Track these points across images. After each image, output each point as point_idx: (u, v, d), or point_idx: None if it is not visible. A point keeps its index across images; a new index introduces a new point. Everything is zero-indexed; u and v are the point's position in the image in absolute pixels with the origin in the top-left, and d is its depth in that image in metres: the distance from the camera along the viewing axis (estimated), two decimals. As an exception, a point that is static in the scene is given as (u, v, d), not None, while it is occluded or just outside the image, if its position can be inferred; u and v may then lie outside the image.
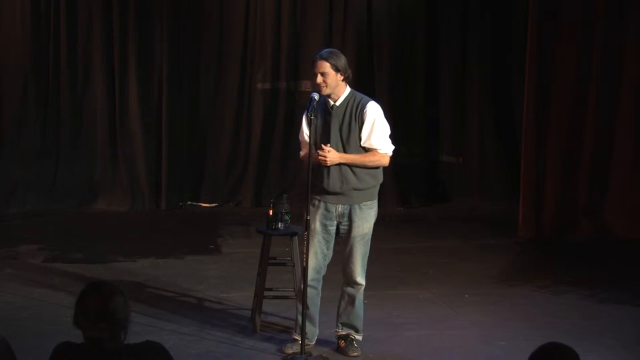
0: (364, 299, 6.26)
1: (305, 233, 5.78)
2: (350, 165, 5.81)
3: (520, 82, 9.72)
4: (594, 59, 9.23)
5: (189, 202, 10.82)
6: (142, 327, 6.09)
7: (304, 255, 5.79)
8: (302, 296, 5.76)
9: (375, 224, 6.03)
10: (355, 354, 5.98)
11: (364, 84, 10.73)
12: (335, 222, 5.91)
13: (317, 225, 5.86)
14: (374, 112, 5.79)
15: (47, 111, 10.50)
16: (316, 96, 5.75)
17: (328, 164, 5.75)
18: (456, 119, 11.13)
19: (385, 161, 5.89)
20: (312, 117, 5.71)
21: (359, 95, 5.90)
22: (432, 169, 11.20)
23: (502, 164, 10.97)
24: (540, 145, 9.28)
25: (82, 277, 7.51)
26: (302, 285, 5.81)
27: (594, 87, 9.27)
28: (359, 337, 6.07)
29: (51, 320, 6.47)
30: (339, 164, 5.79)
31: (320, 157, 5.73)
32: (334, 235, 5.94)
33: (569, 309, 7.03)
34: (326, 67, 5.76)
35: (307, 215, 5.75)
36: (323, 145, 5.75)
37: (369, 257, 6.02)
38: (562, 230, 9.32)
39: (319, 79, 5.76)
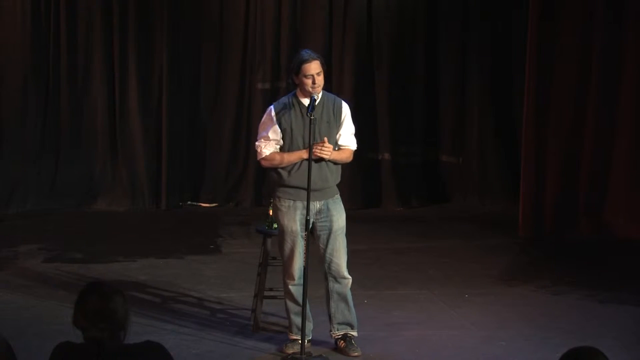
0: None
1: (305, 233, 5.77)
2: (328, 163, 5.86)
3: (520, 82, 9.71)
4: (594, 59, 9.23)
5: (189, 202, 10.82)
6: (142, 327, 6.09)
7: (305, 256, 5.78)
8: (301, 297, 5.78)
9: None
10: (357, 353, 5.96)
11: (364, 84, 10.75)
12: (312, 220, 5.87)
13: (297, 227, 5.82)
14: (348, 111, 5.98)
15: (47, 111, 10.50)
16: (316, 96, 5.77)
17: (327, 158, 5.78)
18: (456, 119, 11.12)
19: (351, 158, 6.05)
20: (312, 118, 5.70)
21: (329, 93, 6.00)
22: (432, 169, 11.19)
23: (502, 164, 10.96)
24: (540, 145, 9.27)
25: (82, 277, 7.52)
26: (289, 286, 5.89)
27: (594, 87, 9.26)
28: (355, 334, 6.05)
29: (51, 320, 6.47)
30: (320, 162, 5.82)
31: (322, 151, 5.73)
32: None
33: (569, 309, 7.02)
34: (320, 66, 5.81)
35: (307, 215, 5.74)
36: (320, 142, 5.76)
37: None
38: (562, 230, 9.31)
39: (318, 79, 5.77)
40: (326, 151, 5.76)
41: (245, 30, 10.75)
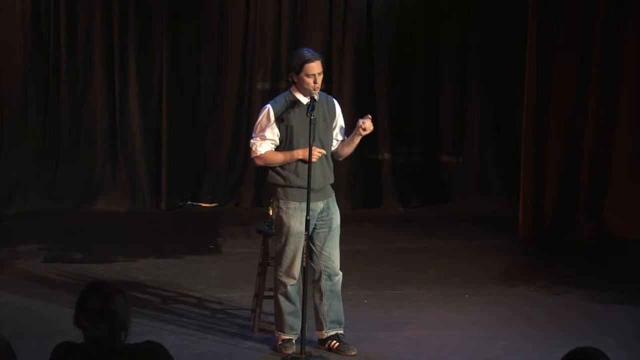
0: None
1: (305, 233, 5.77)
2: (328, 160, 5.93)
3: (520, 82, 9.71)
4: (593, 60, 9.23)
5: (189, 202, 10.81)
6: (142, 327, 6.09)
7: (305, 256, 5.78)
8: (297, 296, 5.80)
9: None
10: (354, 352, 5.97)
11: (364, 84, 10.74)
12: (315, 220, 5.89)
13: (303, 229, 5.80)
14: (340, 107, 6.10)
15: (47, 111, 10.49)
16: (316, 96, 5.78)
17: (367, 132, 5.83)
18: (456, 119, 11.12)
19: None
20: (312, 117, 5.70)
21: (320, 91, 5.97)
22: (432, 169, 11.18)
23: (502, 164, 10.96)
24: (540, 145, 9.27)
25: (82, 277, 7.52)
26: (288, 285, 5.92)
27: (593, 88, 9.26)
28: (342, 331, 6.06)
29: (51, 320, 6.47)
30: (321, 160, 5.84)
31: (369, 126, 5.78)
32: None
33: (569, 309, 7.03)
34: (321, 66, 5.82)
35: (307, 215, 5.74)
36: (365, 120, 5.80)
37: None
38: (562, 230, 9.31)
39: (319, 79, 5.79)
40: (370, 126, 5.80)
41: (245, 30, 10.74)
